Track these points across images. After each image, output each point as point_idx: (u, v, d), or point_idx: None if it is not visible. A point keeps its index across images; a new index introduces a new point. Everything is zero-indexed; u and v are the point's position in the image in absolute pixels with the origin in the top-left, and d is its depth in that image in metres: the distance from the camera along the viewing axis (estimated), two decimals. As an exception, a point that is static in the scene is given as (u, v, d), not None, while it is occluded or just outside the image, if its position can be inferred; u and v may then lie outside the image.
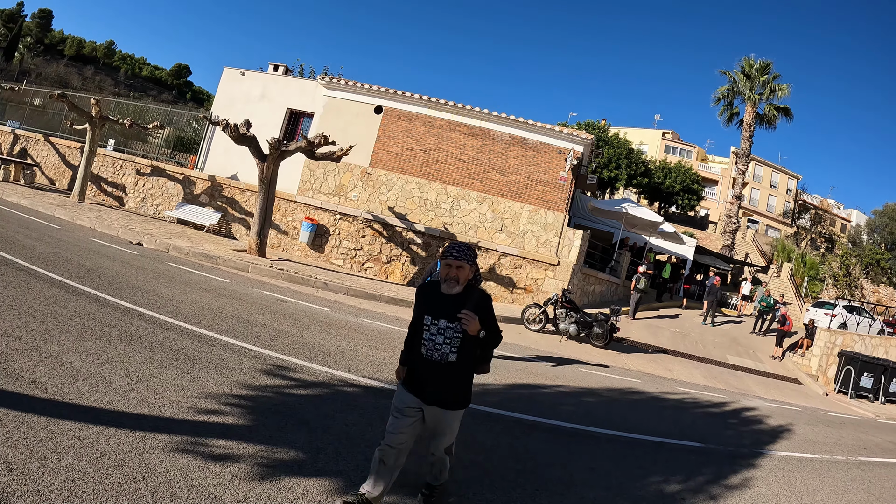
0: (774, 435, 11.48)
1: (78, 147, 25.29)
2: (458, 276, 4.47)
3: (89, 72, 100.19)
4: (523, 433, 7.58)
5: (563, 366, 13.00)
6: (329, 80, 22.17)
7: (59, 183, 26.06)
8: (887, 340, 23.02)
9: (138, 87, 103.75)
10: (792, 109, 42.26)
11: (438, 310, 4.44)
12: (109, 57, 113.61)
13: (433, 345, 4.42)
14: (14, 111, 31.72)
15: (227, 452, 5.02)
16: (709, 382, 15.83)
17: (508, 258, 20.23)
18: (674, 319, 24.88)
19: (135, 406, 5.48)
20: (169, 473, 4.47)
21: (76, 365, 6.10)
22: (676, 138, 78.57)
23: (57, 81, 74.07)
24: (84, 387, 5.64)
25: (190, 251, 16.09)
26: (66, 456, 4.38)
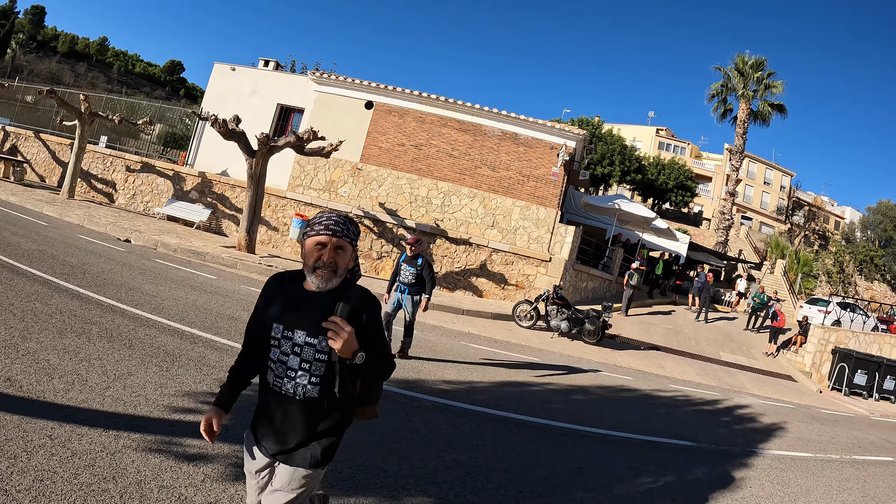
0: (768, 433, 11.39)
1: (68, 144, 25.10)
2: (337, 261, 2.86)
3: (82, 68, 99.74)
4: (510, 432, 7.46)
5: (554, 363, 12.90)
6: (320, 75, 22.02)
7: (49, 180, 25.87)
8: (881, 337, 22.98)
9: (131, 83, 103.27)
10: (786, 106, 42.29)
11: (295, 315, 2.86)
12: (102, 53, 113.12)
13: (283, 370, 2.85)
14: (4, 108, 31.45)
15: (200, 453, 4.91)
16: (702, 380, 15.73)
17: (500, 254, 20.13)
18: (666, 316, 24.80)
19: (110, 404, 5.37)
20: (140, 474, 4.37)
21: (53, 363, 5.99)
22: (670, 135, 78.46)
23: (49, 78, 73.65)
24: (60, 385, 5.53)
25: (178, 247, 15.95)
26: (37, 455, 4.28)
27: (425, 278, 10.20)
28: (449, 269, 20.14)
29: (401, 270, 10.21)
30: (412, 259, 10.17)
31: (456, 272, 20.12)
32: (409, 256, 10.20)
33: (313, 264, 2.83)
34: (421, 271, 10.14)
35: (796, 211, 73.71)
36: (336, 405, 2.92)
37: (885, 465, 11.35)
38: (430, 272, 10.27)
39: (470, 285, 20.06)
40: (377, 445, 5.92)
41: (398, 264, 10.34)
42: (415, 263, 10.12)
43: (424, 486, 5.31)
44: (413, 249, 10.15)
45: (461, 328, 14.42)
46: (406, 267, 10.14)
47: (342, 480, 4.98)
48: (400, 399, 7.67)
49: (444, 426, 7.01)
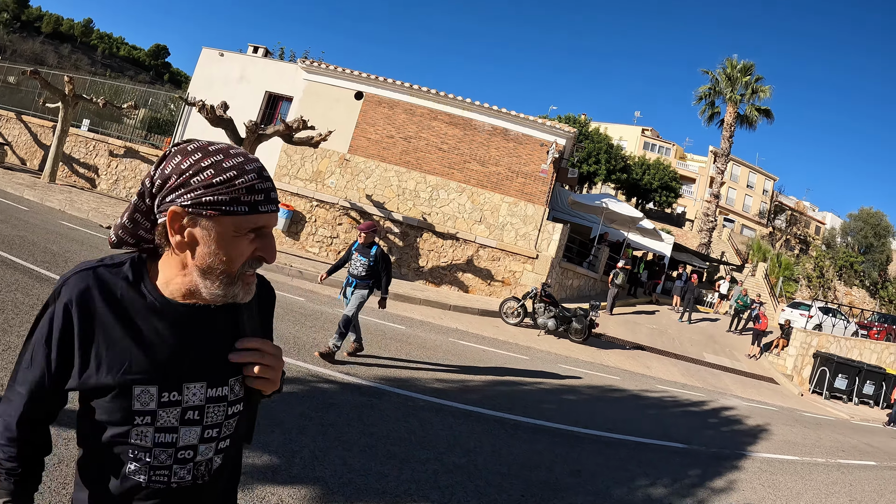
0: (754, 435, 11.47)
1: (50, 126, 24.69)
2: None
3: (66, 50, 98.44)
4: (506, 434, 7.33)
5: (542, 361, 12.80)
6: (309, 63, 21.72)
7: (30, 163, 25.41)
8: (861, 342, 23.21)
9: (115, 66, 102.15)
10: (773, 111, 42.43)
11: (182, 360, 1.54)
12: (87, 35, 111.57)
13: (171, 453, 1.54)
14: (-14, 88, 30.90)
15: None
16: (687, 380, 15.74)
17: (487, 250, 19.99)
18: (650, 316, 24.81)
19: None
20: (131, 480, 4.09)
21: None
22: (656, 135, 78.83)
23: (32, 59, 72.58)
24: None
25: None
26: None
27: (380, 272, 9.00)
28: (435, 264, 19.97)
29: (351, 259, 9.04)
30: (365, 248, 8.94)
31: (442, 267, 19.95)
32: (362, 244, 8.97)
33: (246, 263, 1.54)
34: (374, 263, 8.91)
35: (778, 215, 74.47)
36: (240, 453, 1.85)
37: (869, 469, 11.52)
38: (387, 265, 9.08)
39: (456, 280, 19.89)
40: (375, 447, 5.75)
41: (349, 251, 9.16)
42: (367, 253, 8.89)
43: (427, 492, 5.14)
44: (366, 237, 8.95)
45: (449, 324, 14.27)
46: (358, 257, 8.92)
47: (343, 486, 4.80)
48: (394, 398, 7.51)
49: (441, 427, 6.85)
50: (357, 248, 9.02)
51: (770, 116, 42.31)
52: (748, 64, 41.51)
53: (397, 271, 19.92)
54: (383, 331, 11.58)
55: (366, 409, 6.81)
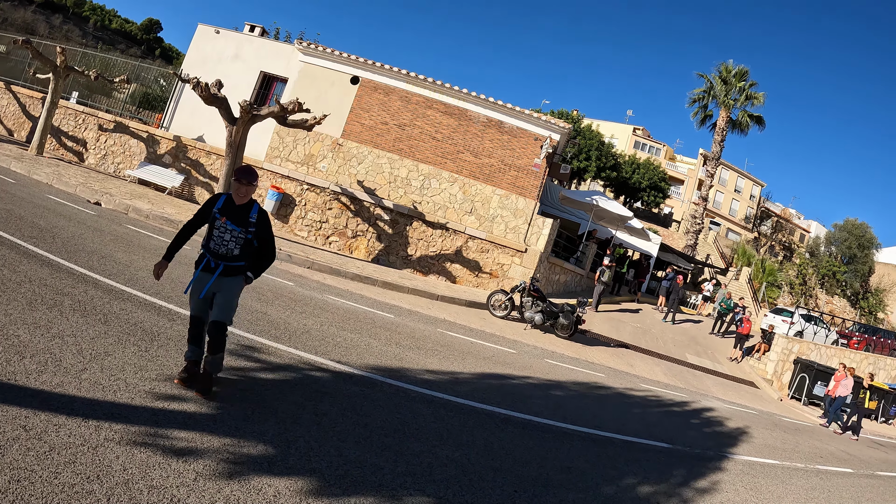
0: (735, 438, 11.68)
1: (40, 97, 24.35)
2: None
3: (57, 20, 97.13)
4: (497, 428, 7.35)
5: (529, 355, 12.81)
6: (306, 45, 21.52)
7: (17, 134, 25.07)
8: (841, 351, 23.46)
9: (107, 39, 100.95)
10: (764, 118, 42.55)
11: None
12: (79, 6, 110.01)
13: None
14: (-26, 57, 30.43)
15: (189, 446, 4.59)
16: (669, 380, 15.84)
17: (476, 241, 19.93)
18: (634, 314, 24.87)
19: (87, 389, 4.96)
20: (126, 472, 4.00)
21: (24, 339, 5.53)
22: (647, 135, 79.01)
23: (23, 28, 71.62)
24: (32, 365, 5.07)
25: (150, 214, 15.49)
26: (11, 450, 3.81)
27: (263, 249, 5.99)
28: (424, 253, 19.90)
29: (214, 230, 5.66)
30: (241, 210, 5.71)
31: (431, 256, 19.89)
32: (238, 205, 5.73)
33: None
34: (253, 235, 5.78)
35: (764, 221, 75.00)
36: None
37: (846, 476, 11.77)
38: (269, 237, 5.99)
39: (444, 270, 19.84)
40: (369, 439, 5.71)
41: (205, 215, 5.77)
42: (244, 219, 5.70)
43: (423, 485, 5.12)
44: (244, 189, 5.69)
45: (437, 314, 14.23)
46: (227, 225, 5.63)
47: (339, 478, 4.75)
48: (387, 388, 7.47)
49: (433, 419, 6.84)
50: (223, 208, 5.68)
51: (762, 123, 42.44)
52: (743, 69, 41.59)
53: (385, 258, 19.84)
54: (373, 319, 11.53)
55: (359, 398, 6.77)
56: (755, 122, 42.33)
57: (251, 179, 5.69)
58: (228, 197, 5.74)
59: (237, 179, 5.65)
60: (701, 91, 43.02)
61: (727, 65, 42.00)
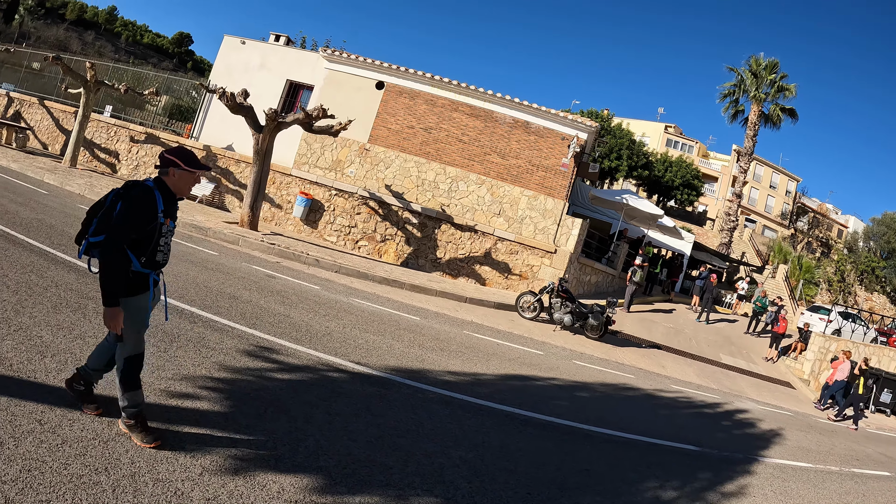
0: (767, 440, 11.33)
1: (72, 112, 24.89)
2: None
3: (90, 37, 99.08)
4: (515, 429, 7.26)
5: (556, 357, 12.71)
6: (331, 52, 21.70)
7: (51, 147, 25.61)
8: (880, 349, 22.87)
9: (139, 54, 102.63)
10: (797, 111, 41.90)
11: None
12: (111, 23, 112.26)
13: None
14: (10, 74, 31.23)
15: (199, 442, 4.66)
16: (702, 381, 15.59)
17: (505, 243, 19.89)
18: (667, 314, 24.61)
19: (102, 387, 5.05)
20: (134, 465, 4.10)
21: (46, 339, 5.70)
22: (679, 132, 78.21)
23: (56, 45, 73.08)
24: (52, 364, 5.23)
25: (180, 221, 15.70)
26: (25, 442, 3.98)
27: None
28: (453, 256, 19.91)
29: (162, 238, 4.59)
30: (177, 204, 4.80)
31: (460, 259, 19.89)
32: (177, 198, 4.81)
33: None
34: None
35: (800, 217, 73.66)
36: None
37: (883, 479, 11.34)
38: None
39: (473, 273, 19.83)
40: (381, 439, 5.70)
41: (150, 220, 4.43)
42: (177, 210, 4.83)
43: (431, 486, 5.09)
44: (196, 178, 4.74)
45: (464, 317, 14.21)
46: (171, 227, 4.71)
47: (346, 477, 4.76)
48: (404, 389, 7.46)
49: (449, 420, 6.80)
50: (167, 209, 4.61)
51: (794, 116, 41.78)
52: (773, 61, 40.96)
53: (414, 262, 19.89)
54: (397, 321, 11.54)
55: (374, 399, 6.77)
56: (787, 115, 41.68)
57: (203, 165, 4.72)
58: (163, 191, 4.60)
59: (198, 168, 4.67)
60: (731, 85, 42.48)
61: (757, 57, 41.41)
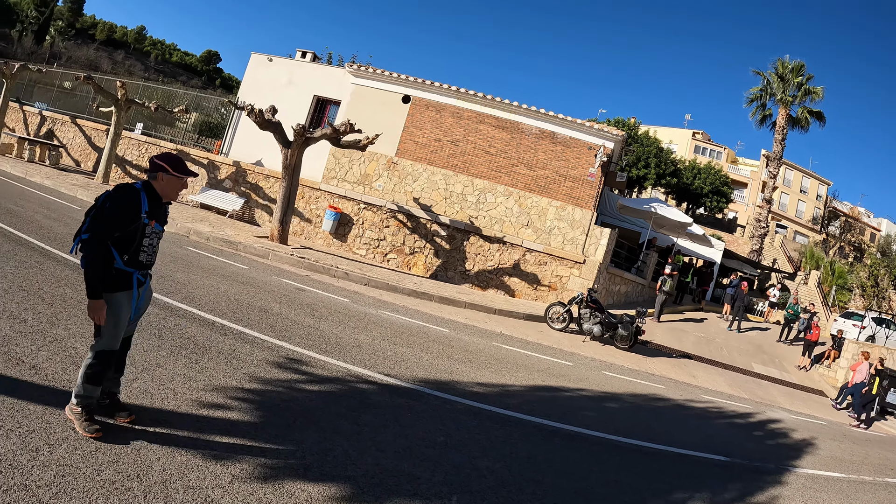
0: (799, 450, 11.19)
1: (104, 129, 25.35)
2: None
3: (120, 56, 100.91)
4: (543, 440, 7.27)
5: (585, 367, 12.68)
6: (357, 67, 21.91)
7: (84, 164, 26.09)
8: (915, 353, 22.44)
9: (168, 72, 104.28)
10: (824, 114, 41.49)
11: None
12: (140, 42, 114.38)
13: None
14: (43, 93, 31.97)
15: (229, 451, 4.76)
16: (733, 391, 15.44)
17: (534, 254, 19.89)
18: (698, 324, 24.43)
19: (137, 397, 5.21)
20: (165, 472, 4.21)
21: (80, 351, 5.86)
22: (706, 139, 77.56)
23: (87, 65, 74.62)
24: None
25: (210, 236, 15.91)
26: (59, 449, 4.14)
27: None
28: (482, 268, 19.95)
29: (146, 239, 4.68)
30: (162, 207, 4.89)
31: (489, 271, 19.92)
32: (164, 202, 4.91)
33: None
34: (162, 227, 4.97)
35: (832, 221, 72.45)
36: None
37: None
38: None
39: (502, 284, 19.85)
40: (409, 449, 5.75)
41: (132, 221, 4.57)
42: (165, 214, 4.94)
43: (458, 496, 5.12)
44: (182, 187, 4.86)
45: (493, 328, 14.23)
46: (156, 229, 4.78)
47: (373, 486, 4.82)
48: (433, 400, 7.50)
49: (477, 431, 6.83)
50: (151, 211, 4.70)
51: (822, 119, 41.35)
52: (799, 63, 40.57)
53: (443, 274, 19.95)
54: (426, 333, 11.59)
55: (402, 410, 6.82)
56: (815, 118, 41.25)
57: (191, 171, 4.84)
58: (150, 194, 4.71)
59: (185, 174, 4.76)
60: (758, 89, 42.17)
61: (783, 60, 41.06)
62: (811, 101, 40.69)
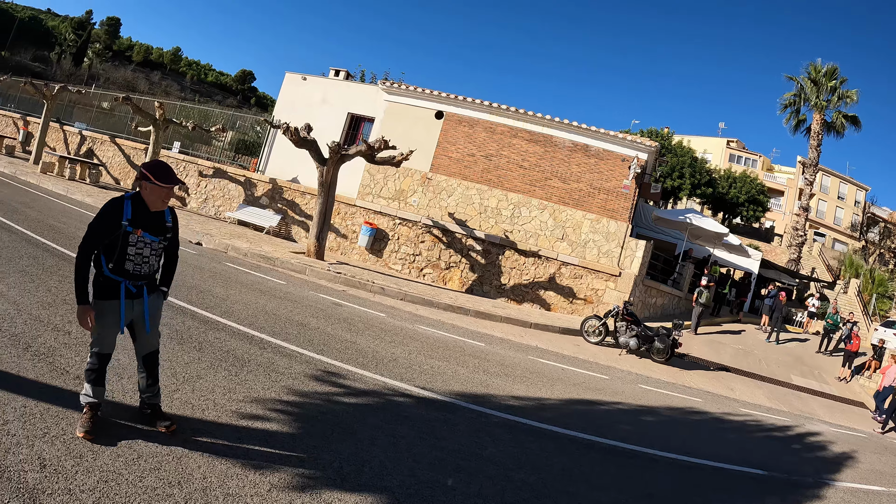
0: (839, 463, 10.98)
1: (142, 148, 25.90)
2: None
3: (156, 77, 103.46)
4: (578, 453, 7.27)
5: (622, 381, 12.63)
6: (389, 84, 22.15)
7: (123, 182, 26.61)
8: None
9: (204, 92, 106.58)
10: (860, 118, 40.81)
11: None
12: (176, 63, 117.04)
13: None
14: (82, 113, 32.83)
15: (268, 460, 4.87)
16: (772, 404, 15.24)
17: (569, 268, 19.86)
18: (736, 335, 24.13)
19: (178, 407, 5.38)
20: (206, 480, 4.34)
21: (122, 362, 6.06)
22: (741, 147, 76.75)
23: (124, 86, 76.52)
24: (128, 385, 5.59)
25: (248, 252, 16.15)
26: (103, 455, 4.31)
27: (172, 254, 5.20)
28: (517, 282, 19.97)
29: (130, 248, 4.67)
30: (157, 217, 4.85)
31: (524, 285, 19.93)
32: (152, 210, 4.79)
33: None
34: (168, 241, 5.01)
35: (871, 227, 70.95)
36: None
37: None
38: (178, 236, 5.18)
39: (538, 298, 19.84)
40: (444, 461, 5.81)
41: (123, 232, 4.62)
42: (162, 225, 4.90)
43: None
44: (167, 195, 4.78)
45: (529, 342, 14.25)
46: (145, 238, 4.74)
47: (409, 497, 4.89)
48: (468, 413, 7.55)
49: (512, 444, 6.86)
50: (135, 219, 4.69)
51: (857, 123, 40.57)
52: (832, 67, 39.99)
53: (479, 289, 20.00)
54: (462, 347, 11.65)
55: (438, 423, 6.88)
56: (850, 122, 40.55)
57: (176, 180, 4.74)
58: (136, 203, 4.69)
59: (167, 183, 4.66)
60: (791, 95, 41.67)
61: (815, 64, 40.52)
62: (846, 105, 40.09)
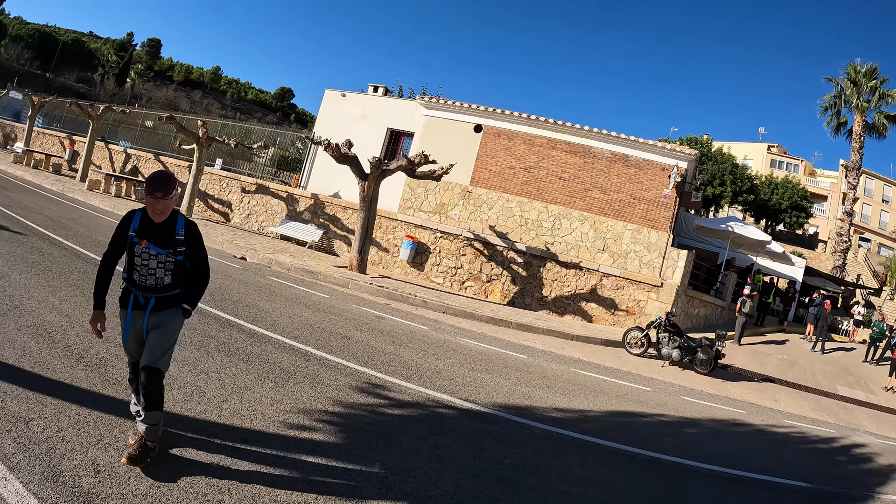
0: (885, 476, 10.70)
1: (186, 166, 26.43)
2: None
3: (197, 96, 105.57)
4: (620, 465, 7.27)
5: (664, 393, 12.56)
6: (428, 99, 22.37)
7: (168, 199, 27.16)
8: None
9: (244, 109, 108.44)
10: (901, 117, 40.09)
11: None
12: (216, 82, 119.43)
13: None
14: (126, 132, 33.73)
15: (314, 469, 5.00)
16: (817, 415, 14.98)
17: (610, 279, 19.80)
18: (780, 346, 23.79)
19: (227, 417, 5.56)
20: (255, 487, 4.48)
21: (173, 373, 6.23)
22: (782, 152, 75.41)
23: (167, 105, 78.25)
24: (179, 395, 5.78)
25: (291, 266, 16.40)
26: (154, 462, 4.47)
27: (197, 270, 4.87)
28: (559, 294, 19.96)
29: (136, 258, 4.59)
30: (163, 228, 4.63)
31: (566, 296, 19.91)
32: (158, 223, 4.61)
33: None
34: (184, 255, 4.72)
35: (918, 230, 69.28)
36: None
37: None
38: (204, 252, 4.89)
39: (579, 310, 19.81)
40: (487, 472, 5.87)
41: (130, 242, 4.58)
42: (171, 238, 4.63)
43: (535, 517, 5.22)
44: (161, 206, 4.53)
45: (571, 354, 14.24)
46: (150, 250, 4.57)
47: (453, 508, 4.98)
48: (511, 425, 7.60)
49: (554, 456, 6.89)
50: (141, 230, 4.59)
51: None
52: (872, 67, 39.25)
53: (521, 301, 20.02)
54: (504, 360, 11.70)
55: (481, 434, 6.95)
56: (893, 122, 39.78)
57: (167, 190, 4.48)
58: (144, 214, 4.61)
59: (150, 193, 4.47)
60: (831, 97, 41.07)
61: (854, 64, 39.87)
62: (887, 104, 39.37)
